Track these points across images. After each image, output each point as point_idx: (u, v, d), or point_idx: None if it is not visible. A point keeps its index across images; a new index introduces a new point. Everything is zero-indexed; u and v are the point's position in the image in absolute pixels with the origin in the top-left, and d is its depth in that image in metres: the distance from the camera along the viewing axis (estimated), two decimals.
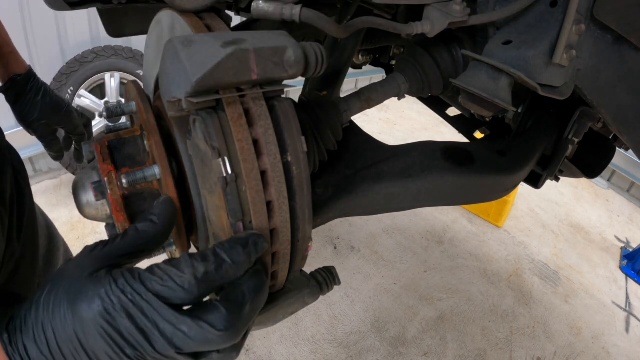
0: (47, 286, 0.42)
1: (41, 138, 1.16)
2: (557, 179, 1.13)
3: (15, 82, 1.08)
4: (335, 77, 1.02)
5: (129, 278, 0.41)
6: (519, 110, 1.07)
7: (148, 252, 0.48)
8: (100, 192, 0.53)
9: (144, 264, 0.46)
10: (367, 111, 2.26)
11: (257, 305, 0.45)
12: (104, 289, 0.40)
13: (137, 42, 3.00)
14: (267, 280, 0.49)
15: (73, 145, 1.25)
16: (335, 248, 2.83)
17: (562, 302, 2.76)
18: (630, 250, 3.34)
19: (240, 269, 0.44)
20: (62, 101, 1.15)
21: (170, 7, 0.53)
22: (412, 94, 0.90)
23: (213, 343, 0.41)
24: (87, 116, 1.24)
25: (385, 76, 1.02)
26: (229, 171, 0.45)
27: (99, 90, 2.86)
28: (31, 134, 1.15)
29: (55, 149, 1.19)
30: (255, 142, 0.47)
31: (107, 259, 0.44)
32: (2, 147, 0.90)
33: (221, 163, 0.45)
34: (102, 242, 0.45)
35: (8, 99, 1.10)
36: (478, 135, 1.33)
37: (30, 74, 1.11)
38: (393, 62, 1.39)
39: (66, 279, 0.42)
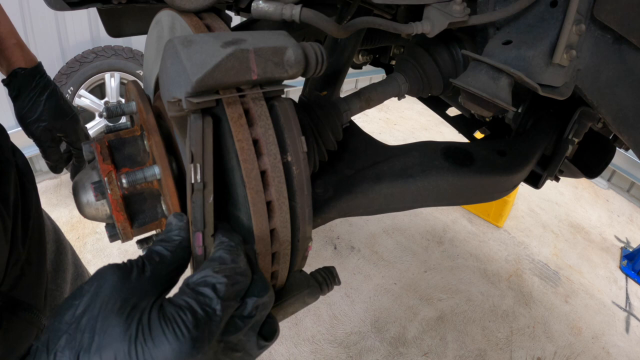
0: (87, 341, 0.39)
1: (38, 142, 1.05)
2: (557, 179, 1.12)
3: (18, 76, 1.00)
4: (335, 77, 1.02)
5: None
6: (519, 110, 1.07)
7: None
8: (100, 192, 0.53)
9: None
10: (367, 111, 2.26)
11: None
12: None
13: (137, 42, 3.00)
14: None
15: (72, 160, 1.13)
16: (335, 248, 2.83)
17: (562, 302, 2.76)
18: (630, 250, 3.34)
19: (249, 275, 0.47)
20: (69, 107, 1.07)
21: (170, 7, 0.53)
22: (412, 94, 0.90)
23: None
24: None
25: (385, 76, 1.02)
26: (198, 179, 0.44)
27: (99, 90, 2.86)
28: (29, 136, 1.05)
29: (53, 159, 1.09)
30: (255, 142, 0.47)
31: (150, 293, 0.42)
32: (6, 149, 0.84)
33: (192, 168, 0.44)
34: (135, 268, 0.43)
35: (10, 94, 1.01)
36: (478, 135, 1.33)
37: (37, 70, 1.02)
38: (393, 62, 1.39)
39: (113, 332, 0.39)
